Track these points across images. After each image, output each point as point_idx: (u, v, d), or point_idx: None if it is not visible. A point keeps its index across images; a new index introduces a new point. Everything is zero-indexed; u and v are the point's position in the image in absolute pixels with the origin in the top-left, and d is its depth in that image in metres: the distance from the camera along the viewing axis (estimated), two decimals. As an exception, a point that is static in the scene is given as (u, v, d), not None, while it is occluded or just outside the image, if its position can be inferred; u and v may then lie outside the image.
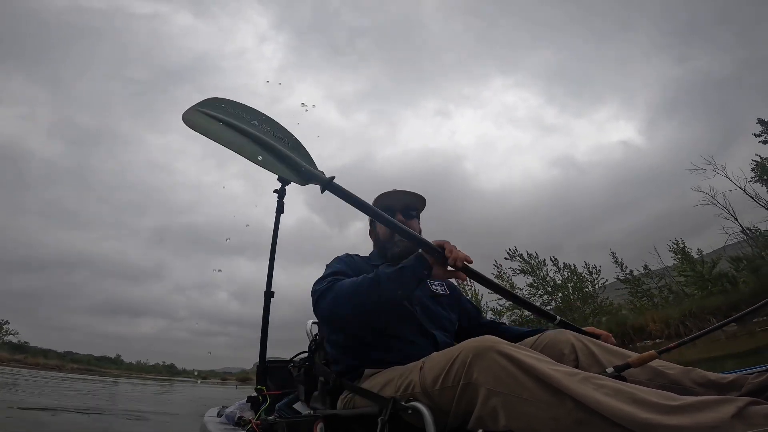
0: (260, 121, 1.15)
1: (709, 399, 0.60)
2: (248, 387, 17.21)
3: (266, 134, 1.12)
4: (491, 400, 0.77)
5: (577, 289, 15.57)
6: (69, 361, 47.37)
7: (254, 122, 1.13)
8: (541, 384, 0.72)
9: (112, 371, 48.47)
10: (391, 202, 1.47)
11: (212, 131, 1.09)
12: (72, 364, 44.71)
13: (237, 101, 1.16)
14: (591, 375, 0.72)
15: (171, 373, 63.80)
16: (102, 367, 51.84)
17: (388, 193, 1.49)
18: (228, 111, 1.13)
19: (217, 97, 1.15)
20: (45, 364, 38.56)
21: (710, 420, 0.57)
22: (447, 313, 1.38)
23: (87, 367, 46.27)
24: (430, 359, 0.95)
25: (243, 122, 1.12)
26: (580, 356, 1.02)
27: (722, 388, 0.89)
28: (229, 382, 46.94)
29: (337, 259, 1.40)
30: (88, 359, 55.80)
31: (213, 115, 1.11)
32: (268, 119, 1.16)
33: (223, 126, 1.10)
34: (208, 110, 1.11)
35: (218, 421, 1.63)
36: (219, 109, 1.12)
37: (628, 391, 0.66)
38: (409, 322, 1.24)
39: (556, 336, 1.10)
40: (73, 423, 4.90)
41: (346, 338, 1.25)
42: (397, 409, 0.91)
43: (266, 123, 1.15)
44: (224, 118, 1.11)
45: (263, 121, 1.15)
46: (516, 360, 0.76)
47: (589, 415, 0.66)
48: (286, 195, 2.21)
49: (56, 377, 20.73)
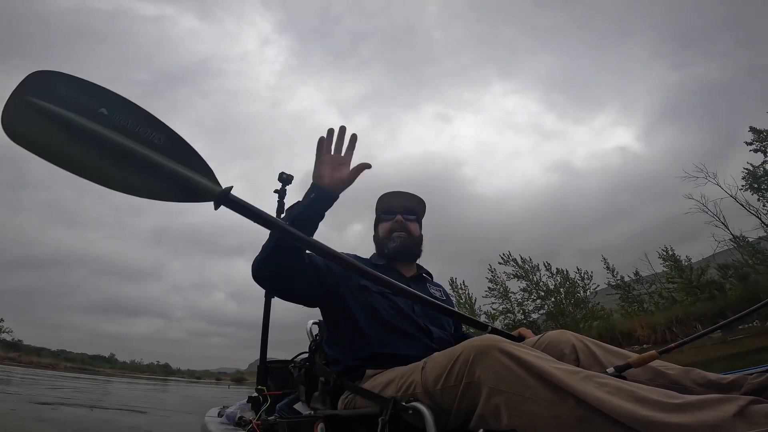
0: (111, 108, 0.73)
1: (711, 397, 0.61)
2: (243, 388, 17.22)
3: (121, 130, 0.73)
4: (493, 398, 0.77)
5: (569, 294, 15.75)
6: (63, 360, 47.30)
7: (102, 110, 0.72)
8: (543, 382, 0.72)
9: (106, 370, 48.43)
10: (392, 204, 1.50)
11: (41, 140, 0.68)
12: (66, 363, 44.67)
13: (76, 76, 0.72)
14: (593, 373, 0.73)
15: (165, 373, 63.56)
16: (96, 365, 51.76)
17: (390, 194, 1.51)
18: (60, 96, 0.70)
19: (44, 71, 0.71)
20: (38, 362, 38.56)
21: (712, 418, 0.57)
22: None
23: (81, 365, 46.29)
24: (432, 359, 0.96)
25: (83, 113, 0.70)
26: (581, 356, 1.03)
27: (722, 389, 0.89)
28: (223, 382, 46.79)
29: None
30: (82, 358, 55.72)
31: (36, 106, 0.68)
32: (125, 103, 0.75)
33: (48, 124, 0.68)
34: (37, 99, 0.68)
35: (219, 421, 1.63)
36: (47, 93, 0.69)
37: (629, 389, 0.66)
38: (409, 320, 1.25)
39: (557, 336, 1.11)
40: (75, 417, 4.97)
41: (346, 338, 1.25)
42: (398, 409, 0.91)
43: (122, 110, 0.74)
44: (52, 108, 0.68)
45: (117, 107, 0.74)
46: (518, 358, 0.76)
47: (591, 412, 0.66)
48: (287, 195, 2.22)
49: (50, 375, 20.82)
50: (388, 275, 1.36)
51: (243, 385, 33.19)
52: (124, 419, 5.43)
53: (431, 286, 1.49)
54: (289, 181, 2.24)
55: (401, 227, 1.46)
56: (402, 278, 1.40)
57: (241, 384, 36.97)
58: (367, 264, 1.40)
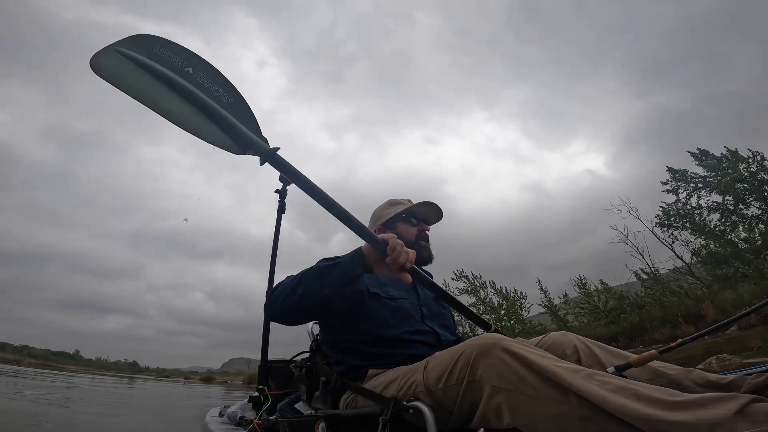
0: (196, 68, 0.90)
1: (712, 396, 0.61)
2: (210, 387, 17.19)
3: (201, 88, 0.88)
4: (495, 397, 0.77)
5: (509, 313, 17.08)
6: (26, 356, 46.82)
7: (188, 69, 0.89)
8: (546, 381, 0.73)
9: (70, 367, 47.60)
10: (424, 212, 1.51)
11: (128, 80, 0.82)
12: (29, 359, 44.38)
13: (171, 40, 0.89)
14: (594, 372, 0.73)
15: (133, 371, 62.68)
16: (59, 362, 51.08)
17: (424, 203, 1.51)
18: (156, 53, 0.86)
19: (146, 34, 0.88)
20: (3, 357, 38.36)
21: (713, 416, 0.58)
22: (447, 313, 1.40)
23: (44, 362, 45.82)
24: (434, 358, 0.96)
25: (173, 69, 0.87)
26: (582, 356, 1.04)
27: (722, 389, 0.89)
28: (191, 381, 45.49)
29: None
30: (45, 354, 54.88)
31: (135, 58, 0.83)
32: (207, 66, 0.92)
33: (144, 73, 0.84)
34: (128, 50, 0.83)
35: (220, 421, 1.63)
36: (145, 50, 0.85)
37: (631, 387, 0.67)
38: (414, 320, 1.25)
39: (559, 337, 1.12)
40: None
41: (349, 342, 1.25)
42: (399, 408, 0.91)
43: (204, 71, 0.90)
44: (148, 62, 0.84)
45: (201, 68, 0.91)
46: (520, 357, 0.77)
47: (593, 411, 0.67)
48: (287, 195, 2.23)
49: (16, 371, 20.73)
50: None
51: (211, 385, 32.71)
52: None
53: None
54: (289, 181, 2.24)
55: (427, 238, 1.48)
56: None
57: (209, 383, 36.42)
58: None
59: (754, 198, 12.49)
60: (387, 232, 1.41)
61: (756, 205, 12.51)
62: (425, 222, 1.50)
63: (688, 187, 14.32)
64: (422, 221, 1.50)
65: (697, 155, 14.55)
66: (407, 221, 1.50)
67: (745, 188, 12.69)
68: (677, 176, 14.63)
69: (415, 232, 1.47)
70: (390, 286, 1.32)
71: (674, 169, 14.73)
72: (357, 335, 1.22)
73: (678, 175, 14.62)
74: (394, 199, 1.58)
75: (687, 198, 14.22)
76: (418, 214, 1.50)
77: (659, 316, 11.00)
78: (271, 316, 1.16)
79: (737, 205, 12.85)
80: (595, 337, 11.79)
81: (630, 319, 12.47)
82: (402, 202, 1.55)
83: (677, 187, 14.54)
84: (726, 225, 13.09)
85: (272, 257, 2.09)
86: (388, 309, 1.25)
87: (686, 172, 14.50)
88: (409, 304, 1.29)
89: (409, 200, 1.55)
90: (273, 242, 2.12)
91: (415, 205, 1.50)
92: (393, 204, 1.55)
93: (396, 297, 1.30)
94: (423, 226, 1.49)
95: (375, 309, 1.24)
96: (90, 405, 7.17)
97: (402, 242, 0.96)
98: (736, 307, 8.74)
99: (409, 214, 1.50)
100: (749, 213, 12.66)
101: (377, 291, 1.27)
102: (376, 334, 1.20)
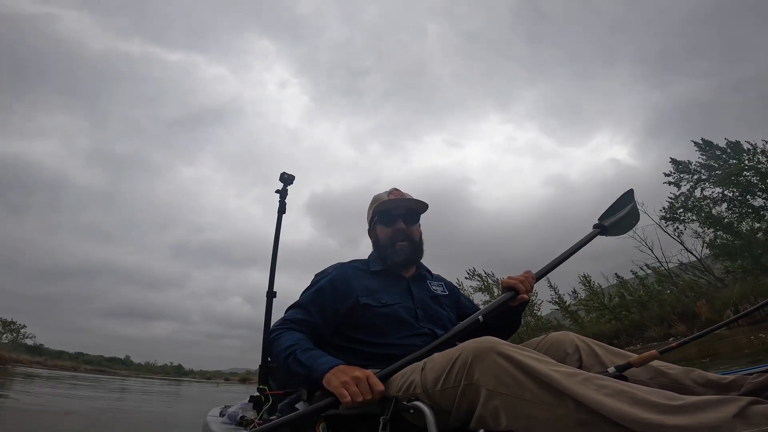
0: None
1: (711, 398, 0.61)
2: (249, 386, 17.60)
3: None
4: (492, 400, 0.77)
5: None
6: (81, 362, 49.09)
7: None
8: (542, 385, 0.72)
9: (122, 371, 49.90)
10: (391, 207, 1.42)
11: None
12: (85, 365, 46.53)
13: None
14: (592, 375, 0.72)
15: (178, 374, 64.48)
16: (112, 367, 53.58)
17: (387, 201, 1.42)
18: None
19: None
20: (62, 365, 40.21)
21: (711, 419, 0.57)
22: (447, 312, 1.38)
23: (98, 367, 48.42)
24: (432, 360, 0.95)
25: None
26: (583, 356, 1.03)
27: (722, 389, 0.89)
28: (231, 381, 47.86)
29: (315, 285, 1.33)
30: (99, 360, 57.30)
31: None
32: None
33: None
34: None
35: (221, 421, 1.63)
36: None
37: (629, 391, 0.66)
38: (409, 325, 1.25)
39: (560, 337, 1.11)
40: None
41: (347, 340, 1.25)
42: (399, 408, 0.91)
43: None
44: None
45: None
46: (516, 361, 0.76)
47: (591, 415, 0.66)
48: (288, 195, 2.22)
49: (83, 378, 21.50)
50: (388, 280, 1.36)
51: (250, 384, 33.56)
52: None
53: (432, 283, 1.46)
54: (290, 181, 2.24)
55: (404, 236, 1.40)
56: (402, 280, 1.39)
57: (246, 383, 37.57)
58: (365, 270, 1.38)
59: (760, 189, 12.34)
60: (375, 232, 1.45)
61: (762, 196, 12.36)
62: (404, 219, 1.40)
63: (692, 179, 14.21)
64: (399, 218, 1.40)
65: (701, 145, 14.32)
66: (382, 222, 1.42)
67: (747, 178, 12.49)
68: (680, 168, 14.54)
69: (390, 233, 1.40)
70: (382, 293, 1.30)
71: (677, 161, 14.64)
72: (353, 343, 1.23)
73: (681, 167, 14.52)
74: (376, 195, 1.49)
75: (690, 190, 14.12)
76: (392, 212, 1.41)
77: (657, 314, 11.15)
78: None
79: (745, 196, 12.70)
80: (599, 334, 11.95)
81: (631, 316, 12.63)
82: (380, 197, 1.46)
83: (680, 178, 14.49)
84: (733, 217, 12.95)
85: (273, 257, 2.09)
86: (381, 317, 1.24)
87: (689, 164, 14.41)
88: (403, 309, 1.28)
89: (391, 191, 1.46)
90: (273, 242, 2.11)
91: (380, 204, 1.41)
92: (374, 201, 1.48)
93: (389, 303, 1.27)
94: (398, 226, 1.39)
95: (368, 319, 1.24)
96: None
97: (348, 379, 0.93)
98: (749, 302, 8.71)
99: (378, 215, 1.43)
100: (756, 204, 12.52)
101: (368, 301, 1.26)
102: (371, 342, 1.20)
